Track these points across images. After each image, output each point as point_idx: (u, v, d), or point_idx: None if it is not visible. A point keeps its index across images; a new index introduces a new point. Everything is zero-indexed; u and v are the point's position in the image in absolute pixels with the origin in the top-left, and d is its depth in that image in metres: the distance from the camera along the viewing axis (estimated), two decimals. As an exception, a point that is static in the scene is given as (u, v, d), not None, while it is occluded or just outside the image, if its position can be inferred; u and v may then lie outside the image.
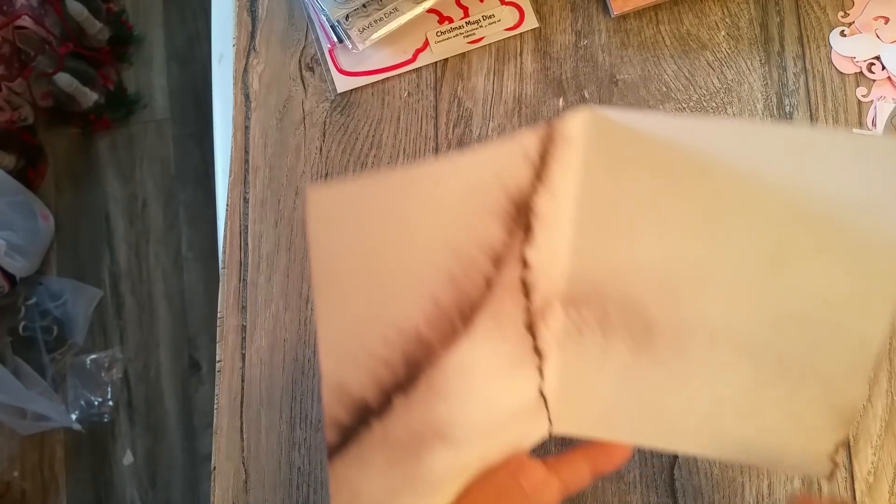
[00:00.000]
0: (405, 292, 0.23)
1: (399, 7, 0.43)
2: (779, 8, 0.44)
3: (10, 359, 1.12)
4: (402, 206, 0.22)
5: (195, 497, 1.10)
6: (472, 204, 0.23)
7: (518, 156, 0.24)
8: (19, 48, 1.09)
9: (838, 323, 0.26)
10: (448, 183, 0.23)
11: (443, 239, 0.23)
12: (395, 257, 0.23)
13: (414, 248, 0.23)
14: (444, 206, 0.23)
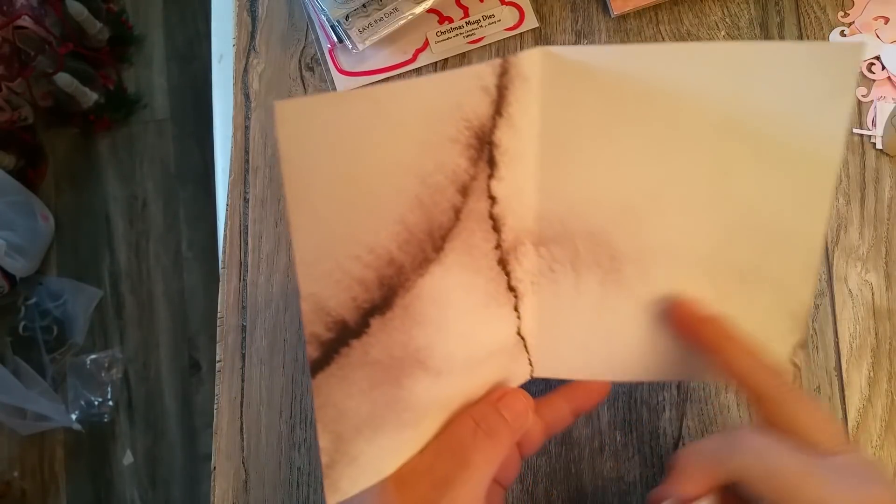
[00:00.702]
0: (376, 213, 0.24)
1: (399, 7, 0.43)
2: (779, 8, 0.44)
3: (10, 359, 1.12)
4: (368, 126, 0.23)
5: (195, 497, 1.10)
6: (433, 130, 0.24)
7: (476, 87, 0.25)
8: (19, 48, 1.09)
9: (783, 227, 0.28)
10: (409, 106, 0.23)
11: (408, 162, 0.24)
12: (365, 177, 0.23)
13: (382, 169, 0.24)
14: (407, 130, 0.24)
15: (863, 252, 0.40)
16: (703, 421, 0.38)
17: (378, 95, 0.23)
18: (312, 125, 0.22)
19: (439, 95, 0.24)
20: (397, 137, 0.23)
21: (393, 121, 0.23)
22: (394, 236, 0.24)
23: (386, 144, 0.23)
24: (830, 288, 0.40)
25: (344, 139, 0.22)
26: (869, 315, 0.39)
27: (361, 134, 0.23)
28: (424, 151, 0.24)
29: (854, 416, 0.38)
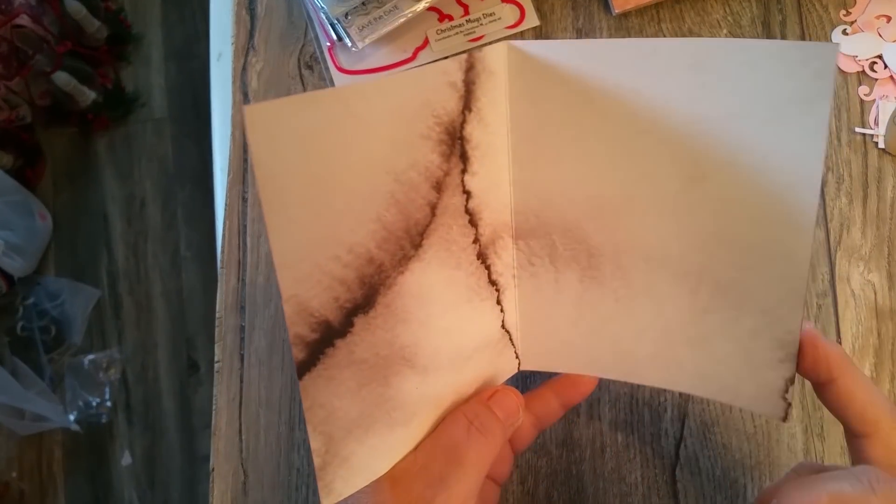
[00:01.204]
0: (352, 213, 0.24)
1: (399, 5, 0.43)
2: (781, 6, 0.44)
3: (8, 359, 1.12)
4: (338, 126, 0.23)
5: (194, 498, 1.10)
6: (404, 127, 0.24)
7: (443, 83, 0.25)
8: (17, 47, 1.09)
9: (764, 243, 0.26)
10: (378, 105, 0.23)
11: (381, 160, 0.24)
12: (339, 177, 0.23)
13: (355, 169, 0.24)
14: (378, 128, 0.24)
15: (865, 252, 0.40)
16: (704, 422, 0.38)
17: (347, 95, 0.23)
18: (283, 127, 0.22)
19: (408, 93, 0.24)
20: (368, 136, 0.24)
21: (363, 120, 0.23)
22: (371, 234, 0.24)
23: (358, 143, 0.23)
24: (833, 288, 0.39)
25: (315, 140, 0.22)
26: (871, 315, 0.39)
27: (333, 134, 0.23)
28: (397, 149, 0.24)
29: (857, 416, 0.38)
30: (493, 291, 0.29)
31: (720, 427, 0.38)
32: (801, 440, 0.37)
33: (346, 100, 0.23)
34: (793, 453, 0.37)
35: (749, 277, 0.27)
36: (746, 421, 0.38)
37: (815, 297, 0.39)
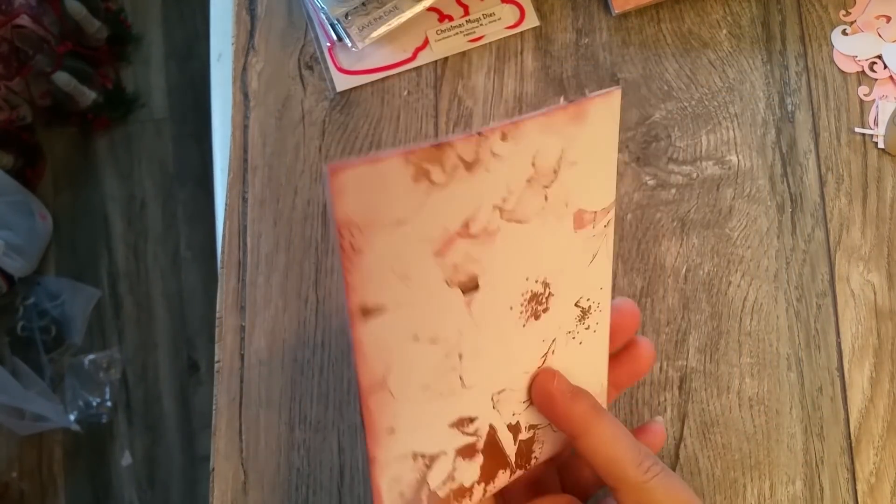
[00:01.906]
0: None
1: (399, 5, 0.43)
2: (780, 6, 0.44)
3: (9, 359, 1.12)
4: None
5: (194, 498, 1.10)
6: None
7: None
8: (18, 47, 1.09)
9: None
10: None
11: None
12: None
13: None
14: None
15: (865, 252, 0.40)
16: (704, 422, 0.38)
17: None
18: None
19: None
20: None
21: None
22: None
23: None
24: (832, 288, 0.39)
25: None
26: (871, 315, 0.39)
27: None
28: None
29: (856, 416, 0.38)
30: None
31: (720, 427, 0.38)
32: (800, 440, 0.38)
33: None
34: (793, 453, 0.37)
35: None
36: (746, 421, 0.38)
37: (815, 297, 0.39)
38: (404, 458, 0.25)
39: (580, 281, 0.27)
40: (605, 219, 0.26)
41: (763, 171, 0.41)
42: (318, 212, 0.42)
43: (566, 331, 0.27)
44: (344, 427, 0.39)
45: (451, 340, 0.25)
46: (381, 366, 0.23)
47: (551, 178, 0.24)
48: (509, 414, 0.27)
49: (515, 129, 0.23)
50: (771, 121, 0.42)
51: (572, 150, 0.24)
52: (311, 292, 0.41)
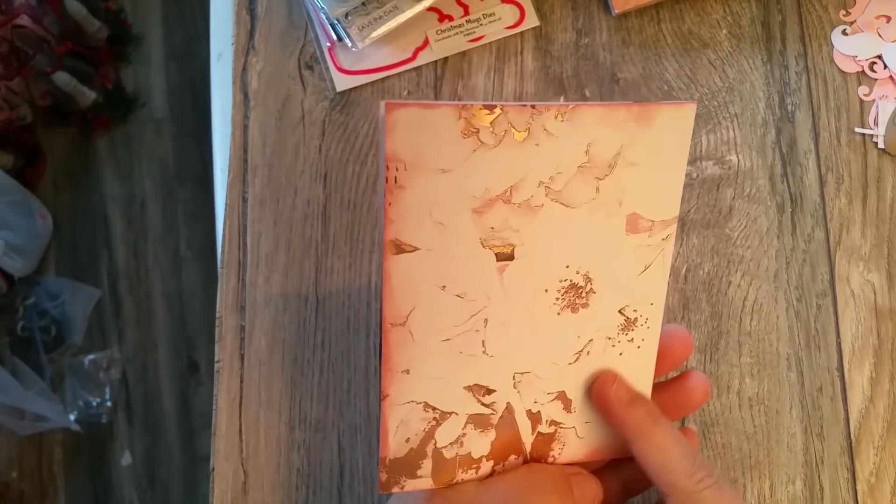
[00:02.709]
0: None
1: (399, 5, 0.43)
2: (780, 6, 0.44)
3: (9, 359, 1.12)
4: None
5: (194, 498, 1.10)
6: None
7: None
8: (18, 47, 1.09)
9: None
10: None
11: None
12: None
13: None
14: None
15: (865, 252, 0.40)
16: (704, 422, 0.38)
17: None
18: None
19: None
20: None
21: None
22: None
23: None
24: (832, 288, 0.39)
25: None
26: (871, 315, 0.39)
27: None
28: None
29: (856, 416, 0.38)
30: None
31: (720, 427, 0.38)
32: (800, 440, 0.38)
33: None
34: (793, 453, 0.37)
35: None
36: (746, 421, 0.38)
37: (815, 297, 0.39)
38: (415, 405, 0.26)
39: (627, 288, 0.27)
40: (663, 231, 0.26)
41: (763, 171, 0.41)
42: (318, 212, 0.42)
43: (606, 335, 0.27)
44: (344, 427, 0.39)
45: (479, 302, 0.25)
46: (405, 303, 0.24)
47: (605, 171, 0.25)
48: (530, 400, 0.28)
49: (572, 112, 0.24)
50: (771, 121, 0.42)
51: (633, 150, 0.25)
52: (311, 292, 0.41)
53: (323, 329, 0.40)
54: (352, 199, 0.42)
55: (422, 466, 0.27)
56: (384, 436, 0.26)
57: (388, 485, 0.27)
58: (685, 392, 0.30)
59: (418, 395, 0.26)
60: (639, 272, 0.27)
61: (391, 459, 0.27)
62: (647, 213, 0.26)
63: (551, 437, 0.28)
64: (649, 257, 0.26)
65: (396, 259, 0.24)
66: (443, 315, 0.25)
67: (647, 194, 0.25)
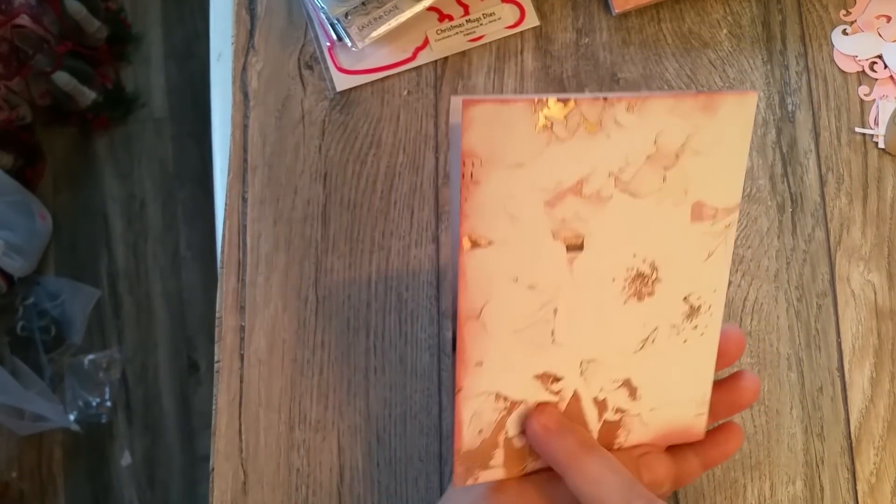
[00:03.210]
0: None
1: (399, 5, 0.43)
2: (781, 6, 0.44)
3: (8, 359, 1.11)
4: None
5: (193, 498, 1.10)
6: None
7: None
8: (17, 47, 1.09)
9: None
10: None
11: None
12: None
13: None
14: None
15: (865, 252, 0.40)
16: (704, 422, 0.38)
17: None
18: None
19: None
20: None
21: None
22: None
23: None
24: (833, 288, 0.39)
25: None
26: (871, 315, 0.39)
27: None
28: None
29: (856, 416, 0.37)
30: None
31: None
32: (800, 440, 0.38)
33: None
34: (793, 453, 0.37)
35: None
36: (746, 421, 0.38)
37: (816, 297, 0.39)
38: (488, 396, 0.26)
39: (692, 275, 0.27)
40: (726, 219, 0.26)
41: (763, 170, 0.41)
42: (318, 211, 0.42)
43: (671, 323, 0.28)
44: (344, 427, 0.39)
45: (549, 293, 0.26)
46: (480, 297, 0.25)
47: (672, 160, 0.25)
48: (597, 388, 0.28)
49: (642, 103, 0.24)
50: (771, 120, 0.42)
51: (698, 139, 0.25)
52: (311, 292, 0.41)
53: (323, 329, 0.40)
54: (352, 199, 0.42)
55: (494, 457, 0.27)
56: (459, 428, 0.27)
57: (464, 477, 0.27)
58: (738, 391, 0.30)
59: (490, 386, 0.26)
60: (703, 260, 0.27)
61: (465, 452, 0.27)
62: (710, 201, 0.26)
63: (616, 425, 0.29)
64: (713, 245, 0.27)
65: (472, 254, 0.24)
66: (515, 306, 0.26)
67: (711, 182, 0.26)
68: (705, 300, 0.28)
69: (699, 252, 0.27)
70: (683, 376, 0.29)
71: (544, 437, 0.27)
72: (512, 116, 0.23)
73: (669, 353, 0.28)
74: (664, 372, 0.28)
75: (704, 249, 0.27)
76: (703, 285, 0.27)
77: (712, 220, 0.26)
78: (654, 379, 0.28)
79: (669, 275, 0.27)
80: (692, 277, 0.27)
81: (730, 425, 0.30)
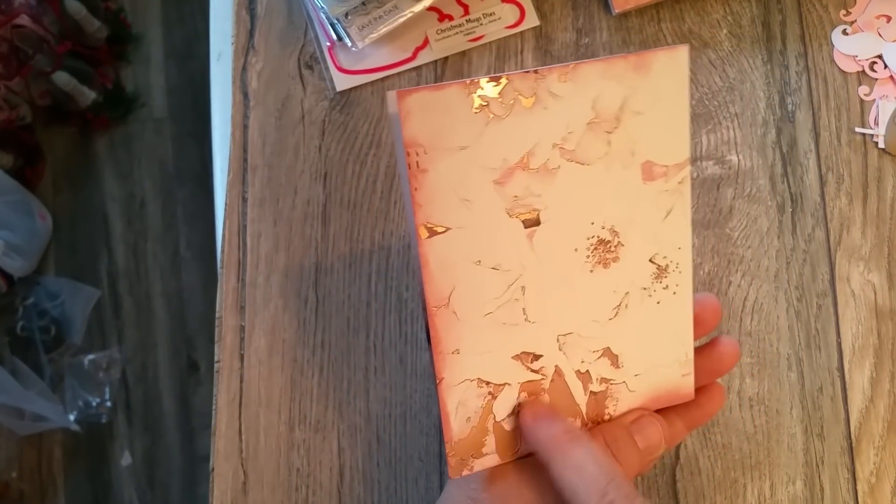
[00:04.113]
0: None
1: (399, 5, 0.43)
2: (781, 6, 0.44)
3: (8, 359, 1.11)
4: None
5: (193, 498, 1.10)
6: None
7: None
8: (17, 47, 1.09)
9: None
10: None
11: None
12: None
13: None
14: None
15: (865, 252, 0.40)
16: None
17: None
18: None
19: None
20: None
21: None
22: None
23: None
24: (833, 288, 0.39)
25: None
26: (871, 315, 0.39)
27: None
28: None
29: (856, 416, 0.37)
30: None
31: (720, 427, 0.38)
32: (801, 440, 0.37)
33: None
34: (793, 453, 0.37)
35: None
36: (746, 421, 0.38)
37: (816, 297, 0.39)
38: (470, 383, 0.27)
39: (654, 236, 0.27)
40: (678, 175, 0.27)
41: (763, 170, 0.41)
42: (318, 211, 0.42)
43: (641, 286, 0.28)
44: (344, 427, 0.39)
45: (514, 271, 0.26)
46: (445, 284, 0.25)
47: (614, 124, 0.25)
48: (578, 360, 0.28)
49: (574, 71, 0.24)
50: (771, 120, 0.42)
51: (636, 99, 0.25)
52: (311, 292, 0.41)
53: (323, 329, 0.40)
54: (352, 199, 0.42)
55: (486, 444, 0.28)
56: (446, 419, 0.27)
57: (458, 468, 0.27)
58: (716, 358, 0.30)
59: (471, 373, 0.26)
60: (662, 219, 0.27)
61: (455, 442, 0.27)
62: (659, 160, 0.26)
63: (604, 395, 0.29)
64: (669, 202, 0.27)
65: (430, 242, 0.24)
66: (482, 289, 0.26)
67: (656, 141, 0.26)
68: (672, 258, 0.28)
69: (657, 211, 0.27)
70: (663, 338, 0.29)
71: (532, 426, 0.27)
72: (447, 101, 0.23)
73: (644, 316, 0.28)
74: (642, 336, 0.28)
75: (662, 208, 0.27)
76: (667, 244, 0.28)
77: (664, 178, 0.27)
78: (633, 345, 0.28)
79: (631, 238, 0.27)
80: (655, 238, 0.27)
81: (712, 386, 0.31)
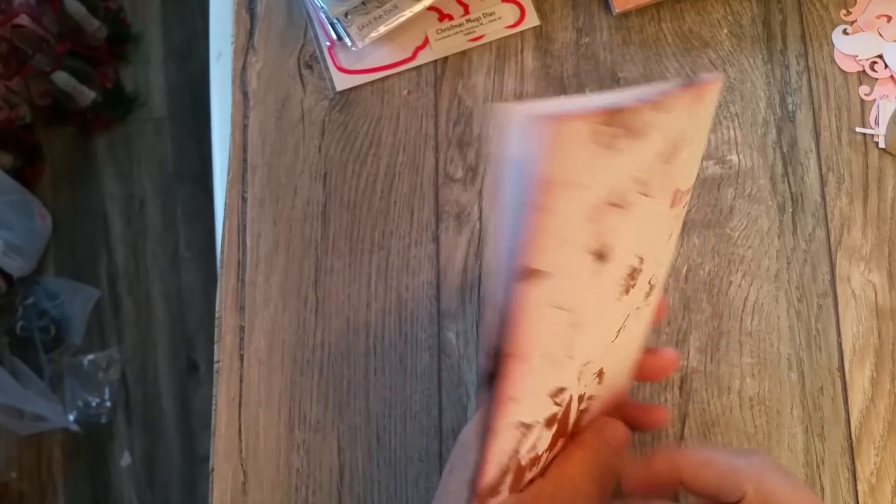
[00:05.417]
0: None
1: (399, 4, 0.43)
2: (781, 6, 0.44)
3: (8, 359, 1.11)
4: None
5: (193, 498, 1.10)
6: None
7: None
8: (17, 47, 1.09)
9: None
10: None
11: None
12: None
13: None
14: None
15: (866, 252, 0.40)
16: (705, 422, 0.38)
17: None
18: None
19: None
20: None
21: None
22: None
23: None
24: (833, 288, 0.39)
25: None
26: (872, 315, 0.39)
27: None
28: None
29: (857, 416, 0.37)
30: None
31: (720, 427, 0.38)
32: (801, 440, 0.37)
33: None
34: (793, 453, 0.37)
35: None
36: (747, 421, 0.38)
37: (816, 297, 0.39)
38: (512, 428, 0.24)
39: (659, 259, 0.27)
40: (685, 199, 0.26)
41: (764, 170, 0.41)
42: (317, 211, 0.42)
43: (636, 306, 0.27)
44: (344, 427, 0.39)
45: (577, 311, 0.23)
46: (531, 331, 0.22)
47: (672, 153, 0.23)
48: (583, 385, 0.27)
49: (667, 100, 0.21)
50: (772, 120, 0.42)
51: (690, 129, 0.23)
52: (311, 292, 0.41)
53: (323, 329, 0.40)
54: (351, 199, 0.42)
55: (504, 482, 0.26)
56: (484, 467, 0.24)
57: None
58: (656, 359, 0.32)
59: (515, 418, 0.24)
60: (666, 241, 0.26)
61: (482, 487, 0.25)
62: (683, 186, 0.25)
63: (584, 412, 0.29)
64: (675, 225, 0.26)
65: (530, 288, 0.21)
66: (550, 332, 0.23)
67: (687, 168, 0.25)
68: (659, 277, 0.27)
69: (666, 234, 0.26)
70: (632, 350, 0.29)
71: (651, 467, 0.28)
72: (575, 134, 0.19)
73: (633, 330, 0.28)
74: (625, 352, 0.28)
75: (668, 231, 0.26)
76: (662, 265, 0.27)
77: (681, 204, 0.26)
78: (616, 361, 0.28)
79: (648, 264, 0.25)
80: (658, 260, 0.26)
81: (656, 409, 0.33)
